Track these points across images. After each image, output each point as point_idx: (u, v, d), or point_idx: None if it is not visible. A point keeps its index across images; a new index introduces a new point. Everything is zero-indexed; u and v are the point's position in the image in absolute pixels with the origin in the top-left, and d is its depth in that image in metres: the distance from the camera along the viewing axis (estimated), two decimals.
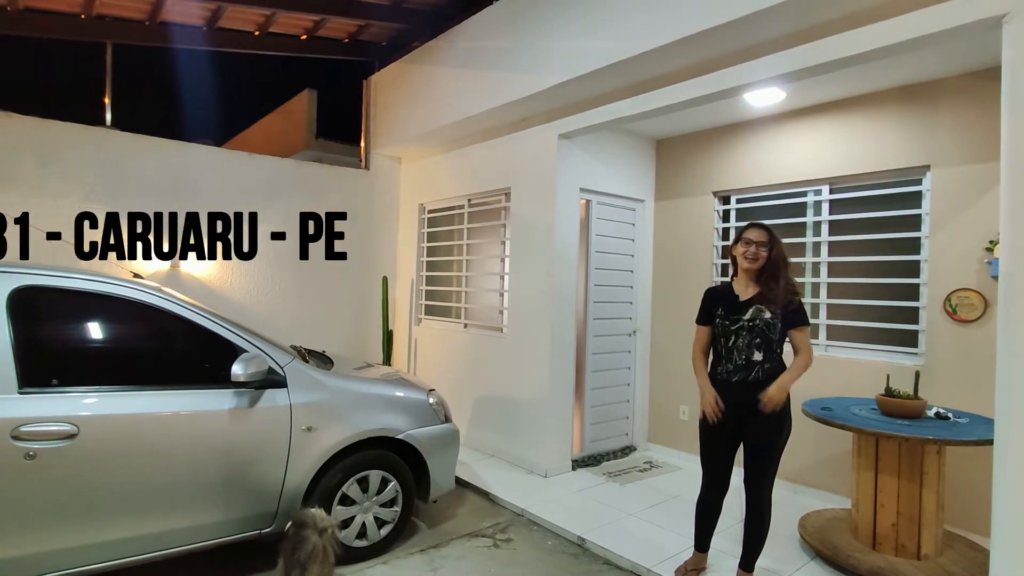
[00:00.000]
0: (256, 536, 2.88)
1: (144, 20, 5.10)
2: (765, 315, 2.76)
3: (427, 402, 3.49)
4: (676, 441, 5.11)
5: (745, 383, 2.77)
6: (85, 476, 2.41)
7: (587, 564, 3.26)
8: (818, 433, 3.96)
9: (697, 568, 3.05)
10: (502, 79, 4.48)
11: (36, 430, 2.30)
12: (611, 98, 4.10)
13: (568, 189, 4.65)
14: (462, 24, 4.93)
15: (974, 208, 3.60)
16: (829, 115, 4.25)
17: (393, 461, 3.26)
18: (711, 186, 4.97)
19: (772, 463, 2.77)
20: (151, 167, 4.81)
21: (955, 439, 2.82)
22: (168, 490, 2.60)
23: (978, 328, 3.54)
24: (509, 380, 4.91)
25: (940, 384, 3.62)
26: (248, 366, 2.71)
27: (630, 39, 3.50)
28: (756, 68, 3.29)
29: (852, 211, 4.20)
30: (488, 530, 3.63)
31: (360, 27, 5.75)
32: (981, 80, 3.57)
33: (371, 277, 6.09)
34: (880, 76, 3.77)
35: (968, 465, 3.45)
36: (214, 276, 5.14)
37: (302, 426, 2.91)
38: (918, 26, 2.68)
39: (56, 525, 2.38)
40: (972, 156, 3.61)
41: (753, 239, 2.79)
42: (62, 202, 4.44)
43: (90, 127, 4.63)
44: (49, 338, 2.65)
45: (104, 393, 2.52)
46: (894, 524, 3.10)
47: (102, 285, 2.62)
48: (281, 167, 5.56)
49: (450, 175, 5.73)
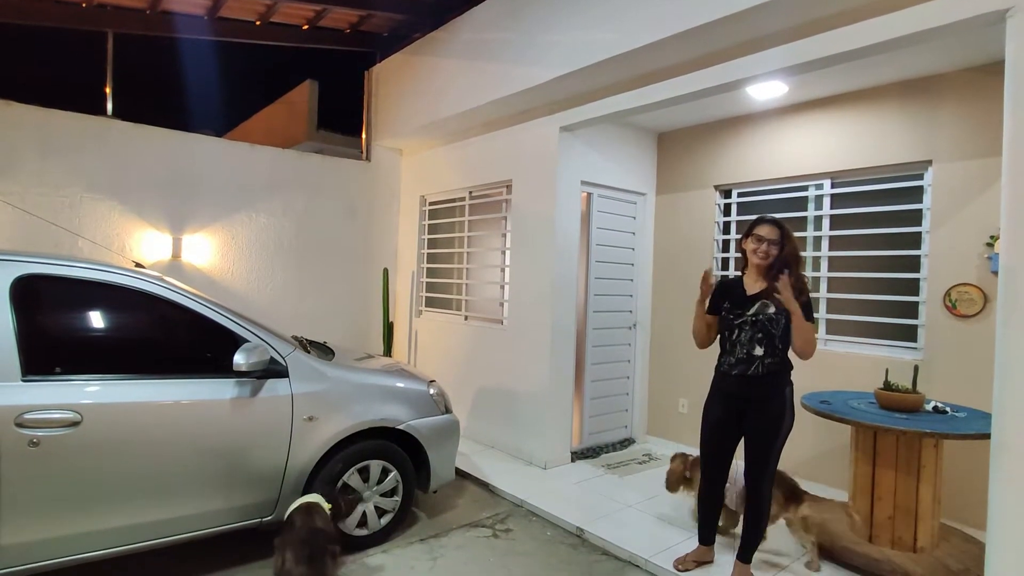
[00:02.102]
0: (257, 524, 2.91)
1: (145, 9, 5.08)
2: (769, 310, 2.76)
3: (427, 393, 3.50)
4: (675, 434, 5.13)
5: (745, 376, 2.78)
6: (88, 463, 2.43)
7: (586, 554, 3.29)
8: (817, 426, 3.98)
9: (701, 560, 3.07)
10: (504, 71, 4.47)
11: (39, 418, 2.32)
12: (613, 91, 4.09)
13: (569, 182, 4.65)
14: (464, 15, 4.91)
15: (975, 203, 3.60)
16: (831, 109, 4.25)
17: (393, 451, 3.28)
18: (712, 180, 4.97)
19: (771, 456, 2.79)
20: (152, 157, 4.81)
21: (952, 433, 2.84)
22: (170, 478, 2.62)
23: (977, 323, 3.55)
24: (509, 372, 4.92)
25: (939, 379, 3.64)
26: (250, 356, 2.72)
27: (632, 32, 3.50)
28: (758, 61, 3.28)
29: (853, 205, 4.20)
30: (487, 520, 3.66)
31: (362, 17, 5.72)
32: (983, 75, 3.56)
33: (372, 269, 6.10)
34: (882, 70, 3.76)
35: (965, 459, 3.47)
36: (215, 266, 5.16)
37: (303, 416, 2.93)
38: (921, 20, 2.67)
39: (59, 512, 2.40)
40: (974, 151, 3.61)
41: (765, 236, 2.78)
42: (64, 192, 4.44)
43: (92, 116, 4.63)
44: (52, 326, 2.66)
45: (106, 381, 2.54)
46: (891, 517, 3.12)
47: (104, 274, 2.63)
48: (282, 158, 5.56)
49: (451, 167, 5.73)
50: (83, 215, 4.52)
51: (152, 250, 4.82)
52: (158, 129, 4.87)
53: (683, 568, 3.03)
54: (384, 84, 6.06)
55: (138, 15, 5.11)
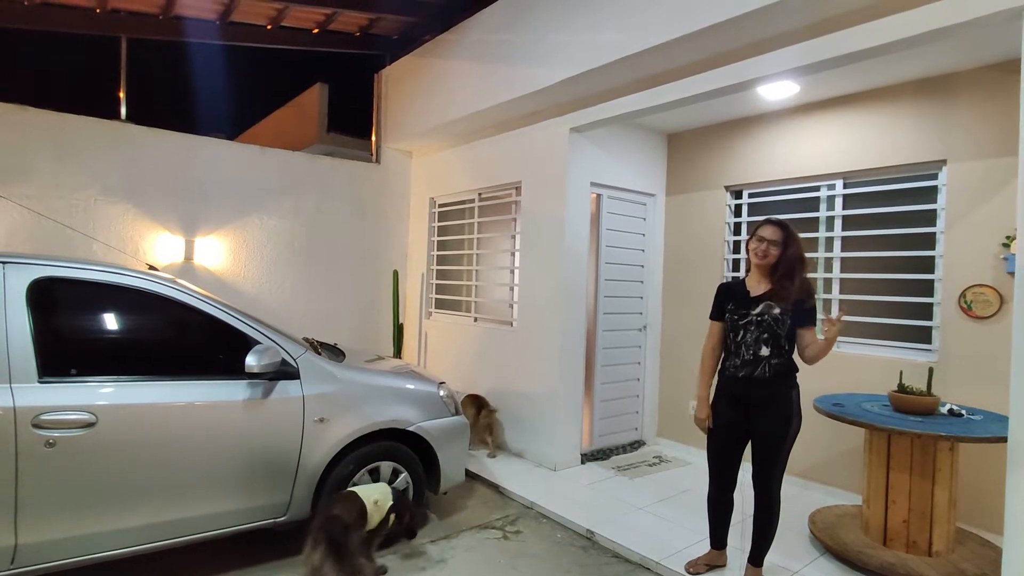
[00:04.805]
0: (271, 525, 2.92)
1: (158, 14, 5.14)
2: (774, 311, 2.74)
3: (437, 395, 3.51)
4: (686, 436, 5.11)
5: (751, 378, 2.77)
6: (103, 464, 2.46)
7: (596, 557, 3.28)
8: (829, 429, 3.94)
9: (714, 564, 3.05)
10: (513, 73, 4.48)
11: (56, 418, 2.35)
12: (622, 92, 4.09)
13: (579, 183, 4.64)
14: (473, 18, 4.92)
15: (991, 203, 3.55)
16: (843, 109, 4.21)
17: (404, 452, 3.29)
18: (723, 180, 4.94)
19: (780, 458, 2.76)
20: (165, 160, 4.86)
21: (968, 436, 2.80)
22: (183, 479, 2.64)
23: (993, 324, 3.51)
24: (519, 374, 4.92)
25: (954, 381, 3.59)
26: (262, 357, 2.74)
27: (642, 32, 3.48)
28: (770, 61, 3.27)
29: (866, 206, 4.16)
30: (498, 522, 3.66)
31: (371, 21, 5.75)
32: (999, 73, 3.51)
33: (382, 270, 6.12)
34: (896, 69, 3.72)
35: (981, 462, 3.42)
36: (227, 268, 5.20)
37: (314, 417, 2.94)
38: (936, 19, 2.64)
39: (75, 512, 2.42)
40: (989, 150, 3.56)
41: (766, 236, 2.77)
42: (78, 195, 4.50)
43: (105, 121, 4.68)
44: (67, 328, 2.69)
45: (121, 383, 2.56)
46: (905, 521, 3.08)
47: (119, 277, 2.66)
48: (292, 161, 5.59)
49: (461, 169, 5.74)
50: (97, 218, 4.57)
51: (165, 252, 4.87)
52: (171, 133, 4.92)
53: (695, 571, 3.01)
54: (394, 86, 6.09)
55: (151, 20, 5.17)
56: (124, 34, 5.07)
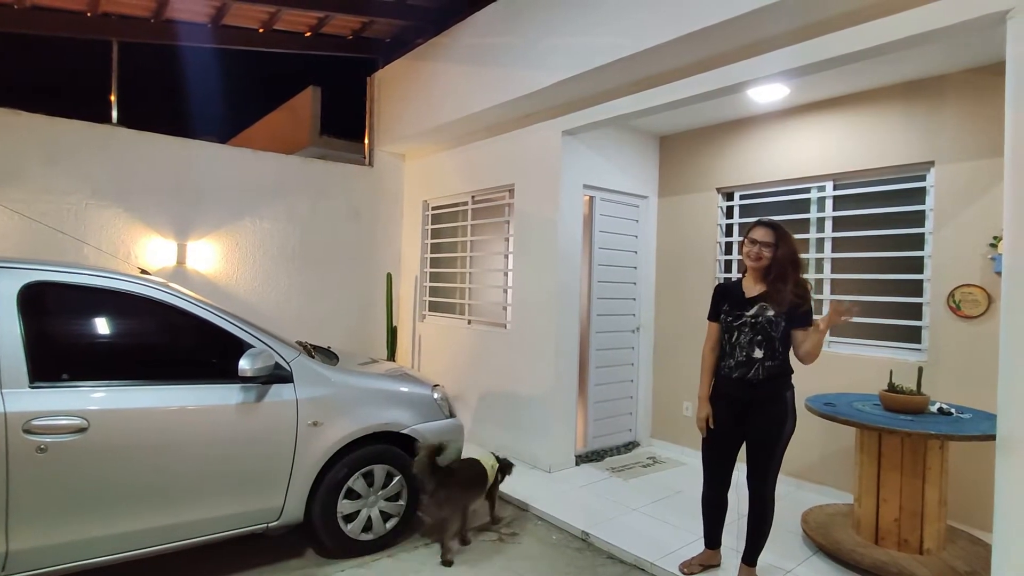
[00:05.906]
0: (263, 530, 2.91)
1: (149, 17, 5.13)
2: (768, 313, 2.76)
3: (432, 397, 3.51)
4: (679, 437, 5.13)
5: (744, 379, 2.78)
6: (95, 469, 2.44)
7: (591, 558, 3.29)
8: (821, 429, 3.97)
9: (708, 564, 3.07)
10: (506, 76, 4.49)
11: (47, 424, 2.33)
12: (615, 95, 4.11)
13: (572, 185, 4.66)
14: (466, 21, 4.94)
15: (978, 204, 3.59)
16: (833, 111, 4.25)
17: (398, 456, 3.28)
18: (715, 182, 4.97)
19: (774, 459, 2.78)
20: (157, 164, 4.84)
21: (958, 434, 2.83)
22: (176, 483, 2.63)
23: (981, 324, 3.55)
24: (513, 376, 4.93)
25: (943, 380, 3.63)
26: (255, 361, 2.73)
27: (634, 35, 3.51)
28: (760, 64, 3.29)
29: (856, 207, 4.19)
30: (493, 524, 3.66)
31: (364, 24, 5.76)
32: (985, 75, 3.56)
33: (375, 273, 6.12)
34: (884, 72, 3.76)
35: (971, 460, 3.45)
36: (220, 272, 5.18)
37: (308, 420, 2.94)
38: (922, 22, 2.68)
39: (67, 517, 2.41)
40: (976, 152, 3.60)
41: (758, 239, 2.79)
42: (69, 199, 4.47)
43: (96, 124, 4.66)
44: (59, 333, 2.68)
45: (113, 387, 2.55)
46: (896, 519, 3.11)
47: (110, 281, 2.64)
48: (285, 164, 5.59)
49: (454, 172, 5.75)
50: (88, 222, 4.55)
51: (157, 256, 4.85)
52: (162, 136, 4.90)
53: (689, 572, 3.02)
54: (386, 89, 6.09)
55: (142, 23, 5.16)
56: (115, 37, 5.05)
